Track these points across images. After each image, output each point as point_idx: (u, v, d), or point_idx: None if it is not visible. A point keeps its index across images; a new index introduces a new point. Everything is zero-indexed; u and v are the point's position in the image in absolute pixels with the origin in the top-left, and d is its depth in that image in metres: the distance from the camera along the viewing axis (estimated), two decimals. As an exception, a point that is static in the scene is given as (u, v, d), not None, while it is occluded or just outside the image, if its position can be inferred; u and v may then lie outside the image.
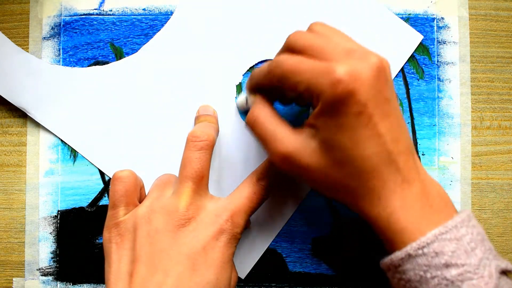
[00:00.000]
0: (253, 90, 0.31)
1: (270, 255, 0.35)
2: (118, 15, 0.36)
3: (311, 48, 0.26)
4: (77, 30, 0.36)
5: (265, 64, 0.29)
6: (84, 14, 0.36)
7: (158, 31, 0.35)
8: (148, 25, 0.36)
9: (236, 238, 0.28)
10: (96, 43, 0.36)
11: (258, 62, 0.35)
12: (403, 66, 0.35)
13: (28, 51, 0.36)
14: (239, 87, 0.35)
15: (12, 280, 0.35)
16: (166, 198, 0.29)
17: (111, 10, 0.36)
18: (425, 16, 0.35)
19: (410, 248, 0.24)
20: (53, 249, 0.35)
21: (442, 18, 0.35)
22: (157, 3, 0.36)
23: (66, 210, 0.35)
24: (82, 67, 0.36)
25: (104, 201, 0.35)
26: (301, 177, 0.28)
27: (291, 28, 0.35)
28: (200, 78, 0.35)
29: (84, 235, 0.35)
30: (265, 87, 0.29)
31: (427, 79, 0.35)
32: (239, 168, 0.34)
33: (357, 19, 0.35)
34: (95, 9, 0.36)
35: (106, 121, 0.35)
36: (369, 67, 0.25)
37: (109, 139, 0.35)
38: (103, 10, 0.36)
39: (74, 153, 0.35)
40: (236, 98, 0.35)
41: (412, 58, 0.35)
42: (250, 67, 0.35)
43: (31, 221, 0.35)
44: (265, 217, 0.35)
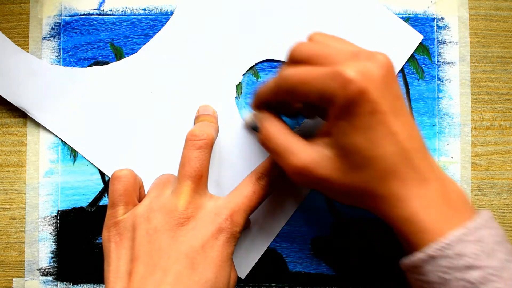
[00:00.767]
0: (260, 107, 0.31)
1: (270, 255, 0.35)
2: (118, 15, 0.36)
3: (317, 56, 0.26)
4: (77, 30, 0.36)
5: (270, 81, 0.29)
6: (84, 14, 0.36)
7: (158, 31, 0.35)
8: (148, 25, 0.36)
9: (235, 237, 0.28)
10: (96, 43, 0.36)
11: (258, 62, 0.35)
12: (403, 66, 0.35)
13: (28, 51, 0.36)
14: (239, 87, 0.35)
15: (12, 280, 0.35)
16: (165, 197, 0.29)
17: (111, 10, 0.36)
18: (425, 16, 0.35)
19: (431, 249, 0.24)
20: (53, 249, 0.35)
21: (442, 18, 0.35)
22: (157, 3, 0.36)
23: (66, 210, 0.35)
24: (82, 67, 0.36)
25: (104, 201, 0.35)
26: (320, 189, 0.27)
27: (291, 28, 0.35)
28: (200, 78, 0.35)
29: (84, 235, 0.35)
30: (272, 103, 0.30)
31: (427, 79, 0.35)
32: (239, 168, 0.34)
33: (357, 19, 0.35)
34: (95, 9, 0.36)
35: (106, 121, 0.35)
36: (378, 66, 0.25)
37: (109, 139, 0.35)
38: (103, 10, 0.36)
39: (74, 153, 0.35)
40: (243, 116, 0.35)
41: (412, 58, 0.35)
42: (250, 67, 0.35)
43: (31, 221, 0.35)
44: (265, 217, 0.35)
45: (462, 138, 0.35)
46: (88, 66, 0.36)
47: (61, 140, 0.35)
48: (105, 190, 0.35)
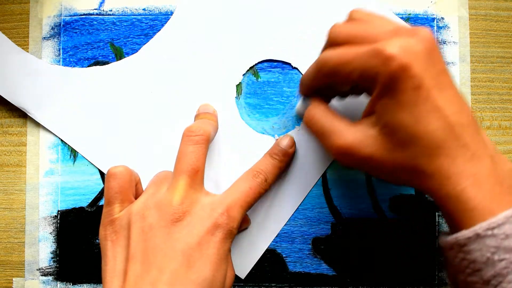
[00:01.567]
0: (307, 93, 0.31)
1: (270, 255, 0.35)
2: (118, 15, 0.36)
3: (355, 36, 0.26)
4: (77, 30, 0.36)
5: (312, 65, 0.28)
6: (84, 14, 0.36)
7: (158, 31, 0.35)
8: (148, 25, 0.36)
9: (232, 233, 0.28)
10: (96, 43, 0.36)
11: (258, 62, 0.35)
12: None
13: (28, 51, 0.36)
14: (239, 87, 0.35)
15: (12, 280, 0.35)
16: (161, 194, 0.28)
17: (111, 10, 0.36)
18: (425, 16, 0.35)
19: (480, 228, 0.23)
20: (53, 249, 0.35)
21: (442, 18, 0.35)
22: (157, 3, 0.36)
23: (66, 210, 0.35)
24: (82, 67, 0.36)
25: (104, 201, 0.35)
26: (364, 168, 0.27)
27: (291, 28, 0.35)
28: (200, 78, 0.35)
29: (84, 235, 0.35)
30: (318, 88, 0.29)
31: (427, 79, 0.35)
32: (238, 168, 0.34)
33: (357, 19, 0.35)
34: (95, 9, 0.36)
35: (106, 121, 0.35)
36: (420, 40, 0.24)
37: (109, 139, 0.35)
38: (103, 10, 0.36)
39: (74, 153, 0.35)
40: (295, 107, 0.35)
41: (412, 58, 0.35)
42: (250, 67, 0.35)
43: (31, 221, 0.35)
44: (265, 217, 0.35)
45: (462, 138, 0.35)
46: (88, 66, 0.36)
47: (61, 140, 0.35)
48: (105, 190, 0.35)
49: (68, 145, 0.35)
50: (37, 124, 0.35)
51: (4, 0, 0.36)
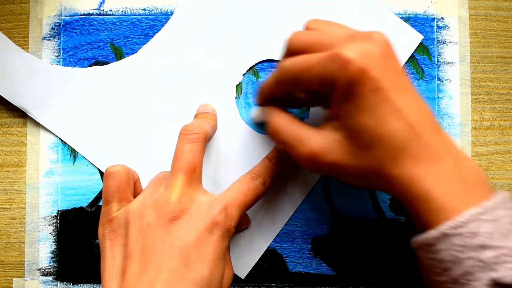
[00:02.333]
0: (265, 103, 0.31)
1: (270, 255, 0.35)
2: (118, 15, 0.36)
3: (314, 43, 0.26)
4: (77, 30, 0.36)
5: (271, 75, 0.29)
6: (84, 14, 0.36)
7: (158, 31, 0.35)
8: (148, 25, 0.36)
9: (230, 232, 0.27)
10: (96, 43, 0.36)
11: (258, 62, 0.35)
12: (403, 66, 0.35)
13: (28, 51, 0.36)
14: (239, 87, 0.35)
15: (12, 280, 0.35)
16: (159, 193, 0.28)
17: (111, 10, 0.36)
18: (425, 16, 0.35)
19: (446, 227, 0.23)
20: (53, 249, 0.35)
21: (442, 18, 0.35)
22: (157, 3, 0.36)
23: (66, 210, 0.35)
24: (82, 67, 0.36)
25: (104, 201, 0.35)
26: (332, 174, 0.27)
27: (291, 28, 0.35)
28: (200, 78, 0.35)
29: (84, 235, 0.35)
30: (276, 97, 0.30)
31: (427, 79, 0.35)
32: (238, 168, 0.34)
33: (358, 19, 0.35)
34: (95, 9, 0.36)
35: (106, 121, 0.35)
36: (376, 44, 0.25)
37: (109, 139, 0.35)
38: (103, 10, 0.36)
39: (74, 153, 0.35)
40: (251, 114, 0.35)
41: (412, 58, 0.35)
42: (250, 67, 0.35)
43: (31, 221, 0.35)
44: (265, 217, 0.35)
45: (462, 138, 0.35)
46: (88, 66, 0.36)
47: (61, 140, 0.35)
48: (105, 190, 0.35)
49: (68, 145, 0.35)
50: (37, 124, 0.35)
51: (4, 0, 0.36)
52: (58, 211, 0.35)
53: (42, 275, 0.35)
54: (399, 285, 0.34)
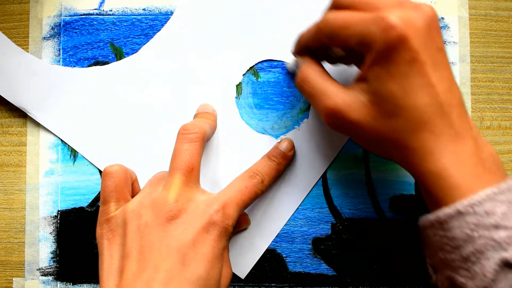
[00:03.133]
0: (301, 52, 0.31)
1: (270, 255, 0.35)
2: (118, 15, 0.36)
3: (360, 1, 0.26)
4: (77, 30, 0.36)
5: (313, 25, 0.28)
6: (84, 14, 0.36)
7: (158, 31, 0.35)
8: (148, 25, 0.36)
9: (227, 231, 0.27)
10: (96, 43, 0.36)
11: (258, 62, 0.35)
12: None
13: (28, 51, 0.36)
14: (239, 87, 0.35)
15: (12, 280, 0.35)
16: (157, 193, 0.28)
17: (111, 10, 0.36)
18: (425, 16, 0.35)
19: (461, 205, 0.23)
20: (53, 249, 0.35)
21: (442, 18, 0.35)
22: (157, 3, 0.36)
23: (66, 210, 0.35)
24: (82, 67, 0.36)
25: (104, 201, 0.35)
26: (350, 133, 0.27)
27: (291, 28, 0.35)
28: (200, 78, 0.35)
29: (84, 235, 0.35)
30: (313, 48, 0.29)
31: (427, 79, 0.35)
32: (238, 168, 0.34)
33: (357, 19, 0.35)
34: (95, 9, 0.36)
35: (106, 121, 0.35)
36: (423, 15, 0.24)
37: (109, 139, 0.35)
38: (103, 10, 0.36)
39: (74, 153, 0.35)
40: (287, 64, 0.35)
41: (412, 58, 0.35)
42: (250, 67, 0.35)
43: (31, 221, 0.35)
44: (265, 217, 0.35)
45: (462, 138, 0.35)
46: (88, 66, 0.36)
47: (61, 140, 0.35)
48: (105, 190, 0.35)
49: (68, 145, 0.35)
50: (37, 124, 0.35)
51: (4, 0, 0.36)
52: (58, 211, 0.35)
53: (42, 275, 0.35)
54: (399, 285, 0.34)
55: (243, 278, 0.35)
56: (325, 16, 0.27)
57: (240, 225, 0.34)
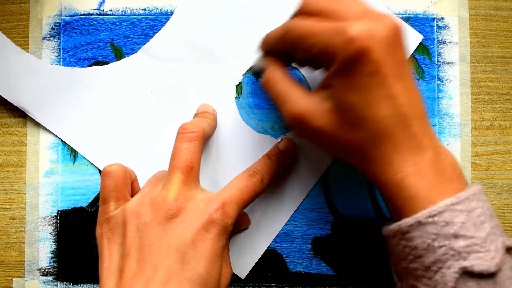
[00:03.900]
0: (267, 53, 0.31)
1: (270, 255, 0.35)
2: (118, 15, 0.36)
3: (326, 10, 0.26)
4: (77, 30, 0.36)
5: (279, 28, 0.28)
6: (84, 14, 0.36)
7: (158, 31, 0.35)
8: (148, 25, 0.36)
9: (227, 230, 0.27)
10: (96, 43, 0.36)
11: (258, 62, 0.35)
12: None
13: (28, 51, 0.36)
14: (239, 87, 0.35)
15: (12, 280, 0.35)
16: (156, 192, 0.28)
17: (111, 10, 0.36)
18: (425, 16, 0.35)
19: (421, 215, 0.24)
20: (53, 249, 0.35)
21: (442, 18, 0.35)
22: (157, 3, 0.36)
23: (66, 210, 0.35)
24: (82, 67, 0.36)
25: (104, 201, 0.35)
26: (313, 140, 0.28)
27: (291, 28, 0.35)
28: (200, 78, 0.35)
29: (84, 235, 0.35)
30: (279, 50, 0.29)
31: (427, 79, 0.35)
32: (237, 168, 0.34)
33: (357, 19, 0.35)
34: (95, 9, 0.36)
35: (106, 121, 0.35)
36: (385, 27, 0.24)
37: (109, 139, 0.35)
38: (103, 10, 0.36)
39: (74, 153, 0.35)
40: (254, 62, 0.35)
41: (412, 58, 0.35)
42: (250, 67, 0.35)
43: (31, 221, 0.35)
44: (265, 217, 0.35)
45: (462, 138, 0.35)
46: (88, 66, 0.36)
47: (61, 140, 0.35)
48: (105, 190, 0.35)
49: (68, 145, 0.35)
50: (37, 124, 0.35)
51: (4, 0, 0.36)
52: (58, 211, 0.35)
53: (42, 275, 0.35)
54: (399, 285, 0.34)
55: (243, 278, 0.35)
56: (291, 22, 0.27)
57: (240, 225, 0.34)
